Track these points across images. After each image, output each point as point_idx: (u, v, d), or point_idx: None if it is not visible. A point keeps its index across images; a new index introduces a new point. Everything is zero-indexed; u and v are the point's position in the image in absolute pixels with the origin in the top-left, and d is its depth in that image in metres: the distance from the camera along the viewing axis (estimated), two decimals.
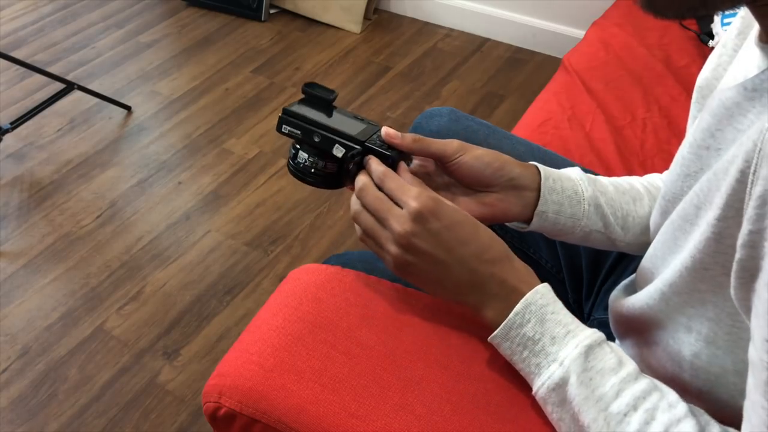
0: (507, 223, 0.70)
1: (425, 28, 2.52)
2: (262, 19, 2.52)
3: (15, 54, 1.96)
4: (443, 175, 0.68)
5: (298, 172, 0.66)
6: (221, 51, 2.37)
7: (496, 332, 0.59)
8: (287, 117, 0.63)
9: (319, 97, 0.65)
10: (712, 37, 1.48)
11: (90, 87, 2.02)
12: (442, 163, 0.66)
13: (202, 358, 1.40)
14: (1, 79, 2.19)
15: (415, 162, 0.67)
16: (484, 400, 0.62)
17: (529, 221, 0.68)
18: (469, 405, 0.61)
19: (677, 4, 0.47)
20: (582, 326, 0.58)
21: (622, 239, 0.72)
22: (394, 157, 0.63)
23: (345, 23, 2.48)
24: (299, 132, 0.63)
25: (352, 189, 0.64)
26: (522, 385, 0.63)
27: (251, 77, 2.24)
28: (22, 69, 1.98)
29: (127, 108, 2.08)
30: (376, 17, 2.57)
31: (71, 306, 1.50)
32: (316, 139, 0.63)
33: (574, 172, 0.71)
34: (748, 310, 0.46)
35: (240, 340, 0.68)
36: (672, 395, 0.53)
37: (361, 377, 0.62)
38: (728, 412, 0.57)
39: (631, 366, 0.55)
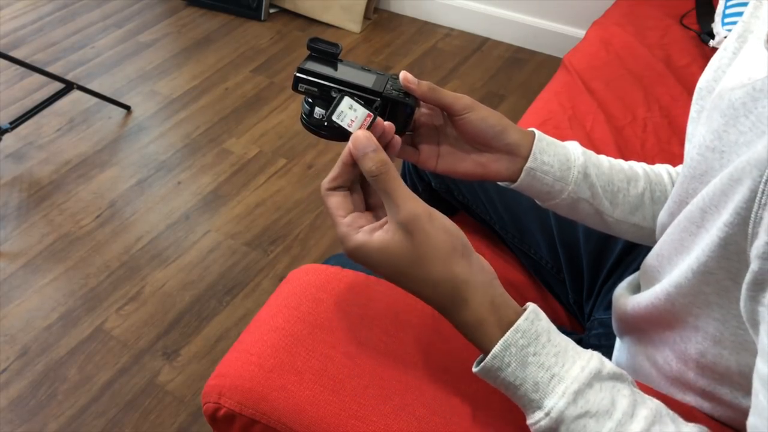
0: (498, 182, 0.71)
1: (425, 27, 2.51)
2: (262, 18, 2.52)
3: (14, 54, 1.96)
4: (448, 127, 0.68)
5: (315, 127, 0.67)
6: (221, 51, 2.37)
7: (476, 370, 0.54)
8: (302, 76, 0.64)
9: (325, 51, 0.66)
10: (712, 36, 1.48)
11: (89, 87, 2.02)
12: (450, 116, 0.67)
13: (202, 358, 1.39)
14: (1, 79, 2.19)
15: (423, 111, 0.68)
16: (485, 401, 0.61)
17: (516, 181, 0.69)
18: (470, 406, 0.61)
19: None
20: (570, 360, 0.52)
21: (610, 214, 0.72)
22: (411, 104, 0.64)
23: (345, 23, 2.48)
24: (316, 89, 0.64)
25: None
26: None
27: (251, 77, 2.24)
28: (22, 69, 1.98)
29: (127, 108, 2.08)
30: (376, 17, 2.57)
31: (71, 306, 1.49)
32: (334, 95, 0.64)
33: (570, 143, 0.72)
34: (755, 324, 0.45)
35: (240, 340, 0.68)
36: (670, 427, 0.51)
37: (362, 378, 0.62)
38: (729, 412, 0.57)
39: (624, 400, 0.51)
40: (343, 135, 0.68)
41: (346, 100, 0.59)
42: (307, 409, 0.60)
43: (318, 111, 0.66)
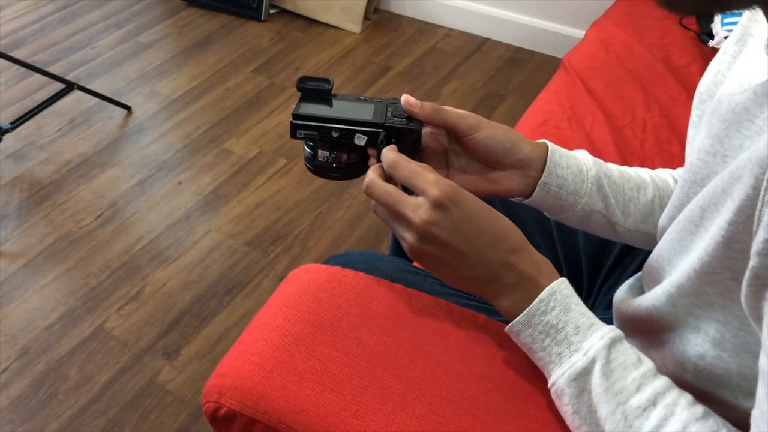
0: (510, 198, 0.70)
1: (425, 28, 2.52)
2: (262, 19, 2.52)
3: (15, 54, 1.96)
4: (454, 147, 0.67)
5: (321, 170, 0.65)
6: (221, 51, 2.37)
7: (518, 319, 0.58)
8: (299, 122, 0.62)
9: (317, 90, 0.64)
10: (712, 37, 1.48)
11: (90, 87, 2.02)
12: (456, 136, 0.65)
13: (202, 358, 1.40)
14: (1, 79, 2.19)
15: (428, 130, 0.67)
16: (485, 400, 0.62)
17: (530, 196, 0.68)
18: (469, 405, 0.61)
19: (693, 1, 0.46)
20: (601, 323, 0.58)
21: (622, 224, 0.71)
22: (416, 129, 0.63)
23: (345, 23, 2.48)
24: (315, 132, 0.63)
25: None
26: (523, 385, 0.63)
27: (251, 77, 2.24)
28: (22, 69, 1.98)
29: (127, 108, 2.08)
30: (376, 17, 2.57)
31: (71, 306, 1.50)
32: (335, 135, 0.63)
33: (580, 153, 0.71)
34: (758, 318, 0.45)
35: (240, 340, 0.68)
36: (689, 395, 0.53)
37: (362, 377, 0.62)
38: (730, 414, 0.57)
39: (649, 363, 0.55)
40: (354, 172, 0.66)
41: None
42: (307, 409, 0.61)
43: (321, 153, 0.64)
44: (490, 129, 0.65)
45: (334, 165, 0.64)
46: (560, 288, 0.57)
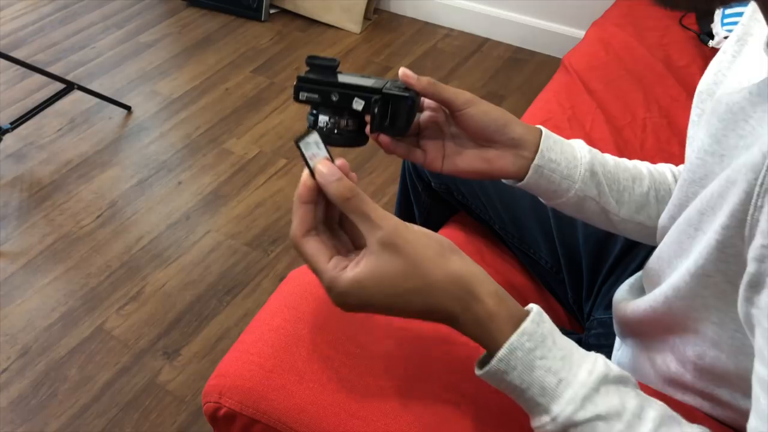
0: (503, 180, 0.70)
1: (425, 28, 2.52)
2: (262, 19, 2.52)
3: (15, 54, 1.96)
4: (451, 126, 0.68)
5: (322, 137, 0.68)
6: (221, 51, 2.37)
7: (479, 374, 0.53)
8: (303, 83, 0.66)
9: (324, 65, 0.67)
10: (712, 37, 1.48)
11: (90, 87, 2.02)
12: (450, 111, 0.66)
13: (202, 358, 1.40)
14: (1, 79, 2.19)
15: (426, 113, 0.68)
16: (485, 401, 0.62)
17: (523, 179, 0.68)
18: (470, 405, 0.61)
19: None
20: (576, 364, 0.51)
21: (616, 212, 0.71)
22: (412, 97, 0.65)
23: (345, 23, 2.48)
24: (317, 95, 0.66)
25: (378, 141, 0.66)
26: None
27: (251, 77, 2.24)
28: (22, 69, 1.98)
29: (127, 108, 2.08)
30: (376, 17, 2.57)
31: (71, 306, 1.50)
32: (334, 98, 0.65)
33: (576, 141, 0.71)
34: (751, 326, 0.45)
35: (240, 340, 0.68)
36: (676, 429, 0.50)
37: (361, 378, 0.62)
38: (730, 414, 0.57)
39: (632, 401, 0.50)
40: (354, 140, 0.69)
41: (314, 136, 0.55)
42: (307, 409, 0.61)
43: (322, 119, 0.67)
44: (484, 105, 0.66)
45: (335, 130, 0.67)
46: (521, 342, 0.50)
